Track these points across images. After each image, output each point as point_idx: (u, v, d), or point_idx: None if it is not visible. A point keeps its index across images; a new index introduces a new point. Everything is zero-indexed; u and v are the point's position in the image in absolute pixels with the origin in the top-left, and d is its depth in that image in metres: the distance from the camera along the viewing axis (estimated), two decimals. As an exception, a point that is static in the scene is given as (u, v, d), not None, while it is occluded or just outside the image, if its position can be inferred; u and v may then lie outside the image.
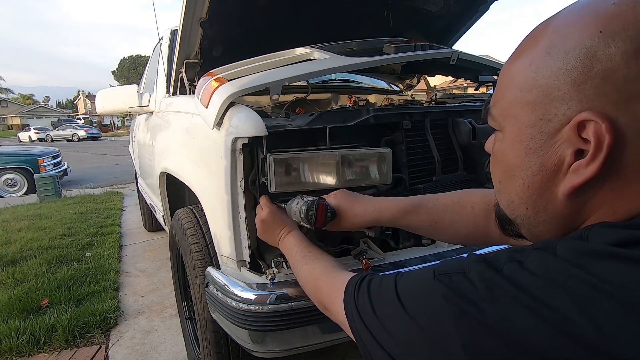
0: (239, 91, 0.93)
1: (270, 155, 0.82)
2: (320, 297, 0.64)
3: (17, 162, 6.15)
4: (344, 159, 0.88)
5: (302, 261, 0.72)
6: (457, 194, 0.74)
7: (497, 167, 0.45)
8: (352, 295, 0.51)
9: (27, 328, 1.74)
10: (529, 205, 0.41)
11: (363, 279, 0.52)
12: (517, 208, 0.43)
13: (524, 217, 0.43)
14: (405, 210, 0.74)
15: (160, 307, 2.07)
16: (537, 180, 0.39)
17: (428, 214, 0.73)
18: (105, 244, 2.98)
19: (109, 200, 4.76)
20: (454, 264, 0.41)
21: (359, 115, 0.97)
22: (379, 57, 1.15)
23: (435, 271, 0.42)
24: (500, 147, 0.43)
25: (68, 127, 28.32)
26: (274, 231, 0.84)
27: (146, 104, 2.00)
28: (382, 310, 0.45)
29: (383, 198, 0.78)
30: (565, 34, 0.36)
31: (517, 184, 0.41)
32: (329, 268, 0.66)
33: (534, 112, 0.38)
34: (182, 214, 1.24)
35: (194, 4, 1.30)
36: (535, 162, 0.39)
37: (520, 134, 0.39)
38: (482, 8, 1.77)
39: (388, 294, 0.45)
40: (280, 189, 0.84)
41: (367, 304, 0.48)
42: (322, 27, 1.78)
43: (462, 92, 2.90)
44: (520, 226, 0.45)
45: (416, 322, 0.40)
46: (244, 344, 0.93)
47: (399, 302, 0.43)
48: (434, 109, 1.15)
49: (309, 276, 0.68)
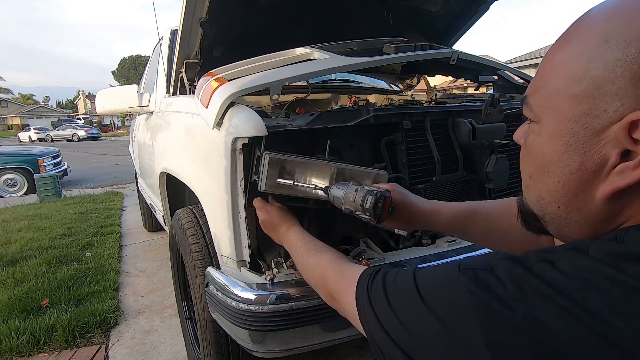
0: (239, 91, 0.93)
1: (266, 153, 0.82)
2: (328, 287, 0.61)
3: (17, 162, 6.15)
4: (339, 172, 0.87)
5: (306, 254, 0.70)
6: (511, 199, 0.70)
7: (528, 161, 0.42)
8: (365, 286, 0.49)
9: (27, 328, 1.74)
10: (561, 204, 0.39)
11: (378, 271, 0.50)
12: (548, 206, 0.40)
13: (555, 215, 0.40)
14: (464, 216, 0.70)
15: (160, 307, 2.07)
16: (574, 179, 0.37)
17: (486, 220, 0.69)
18: (105, 244, 2.98)
19: (109, 200, 4.76)
20: (480, 260, 0.39)
21: (359, 115, 0.97)
22: (379, 57, 1.15)
23: (460, 265, 0.39)
24: (536, 140, 0.40)
25: (68, 127, 28.31)
26: (276, 229, 0.84)
27: (146, 104, 2.00)
28: (398, 303, 0.43)
29: (436, 202, 0.75)
30: (626, 22, 0.32)
31: (550, 181, 0.39)
32: (337, 259, 0.63)
33: (579, 106, 0.35)
34: (182, 214, 1.24)
35: (194, 4, 1.30)
36: (575, 160, 0.36)
37: (560, 128, 0.36)
38: (482, 8, 1.77)
39: (405, 286, 0.43)
40: (270, 189, 0.84)
41: (381, 295, 0.45)
42: (322, 27, 1.78)
43: (462, 92, 2.91)
44: (548, 223, 0.42)
45: (436, 315, 0.37)
46: (244, 344, 0.93)
47: (417, 294, 0.40)
48: (434, 109, 1.15)
49: (316, 267, 0.66)
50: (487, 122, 1.11)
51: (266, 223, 0.85)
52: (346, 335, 0.93)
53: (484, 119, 1.11)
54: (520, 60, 13.40)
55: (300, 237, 0.77)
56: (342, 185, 0.77)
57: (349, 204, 0.73)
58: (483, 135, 1.08)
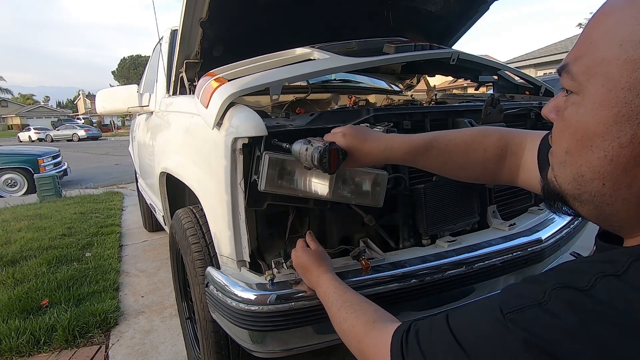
0: (239, 91, 0.93)
1: (266, 153, 0.82)
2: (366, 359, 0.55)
3: (17, 162, 6.16)
4: (339, 172, 0.88)
5: (340, 312, 0.65)
6: (471, 134, 0.70)
7: (565, 135, 0.38)
8: (400, 354, 0.44)
9: (27, 328, 1.74)
10: (607, 180, 0.35)
11: (408, 330, 0.45)
12: (589, 183, 0.36)
13: (597, 193, 0.36)
14: (417, 150, 0.70)
15: (160, 307, 2.07)
16: (625, 154, 0.33)
17: (440, 154, 0.69)
18: (105, 244, 2.98)
19: (109, 200, 4.76)
20: (522, 292, 0.35)
21: (359, 115, 0.97)
22: (379, 57, 1.15)
23: (502, 309, 0.34)
24: (576, 112, 0.36)
25: (68, 127, 28.31)
26: (307, 274, 0.82)
27: (146, 104, 2.00)
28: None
29: (394, 135, 0.75)
30: None
31: (595, 156, 0.35)
32: (369, 323, 0.56)
33: (635, 72, 0.31)
34: (182, 214, 1.24)
35: (194, 4, 1.30)
36: (627, 132, 0.32)
37: (610, 97, 0.33)
38: (482, 8, 1.77)
39: (444, 340, 0.38)
40: (270, 189, 0.84)
41: (420, 359, 0.40)
42: (322, 27, 1.78)
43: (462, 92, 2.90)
44: (586, 203, 0.38)
45: None
46: (244, 344, 0.93)
47: (460, 349, 0.36)
48: (434, 109, 1.15)
49: (351, 335, 0.59)
50: (487, 122, 1.11)
51: (298, 266, 0.85)
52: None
53: (484, 119, 1.11)
54: (520, 60, 13.40)
55: (331, 288, 0.72)
56: (298, 143, 0.80)
57: (304, 162, 0.77)
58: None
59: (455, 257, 0.99)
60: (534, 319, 0.31)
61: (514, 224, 1.16)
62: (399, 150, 0.71)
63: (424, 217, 1.03)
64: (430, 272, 0.94)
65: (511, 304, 0.34)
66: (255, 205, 0.91)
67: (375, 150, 0.73)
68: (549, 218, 1.23)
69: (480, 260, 0.99)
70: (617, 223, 0.38)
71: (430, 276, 0.93)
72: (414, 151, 0.70)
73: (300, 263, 0.84)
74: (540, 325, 0.31)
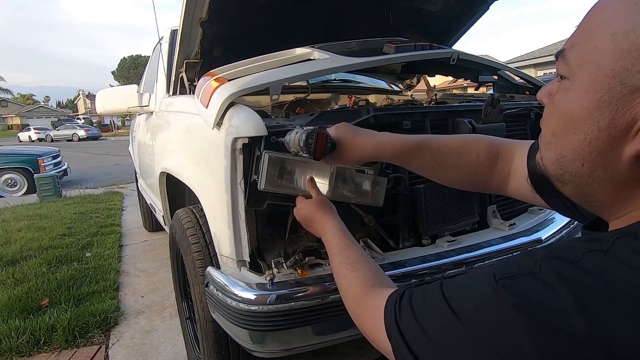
0: (239, 91, 0.93)
1: (266, 152, 0.83)
2: (361, 325, 0.55)
3: (17, 162, 6.16)
4: (339, 172, 0.88)
5: (339, 267, 0.65)
6: (463, 138, 0.70)
7: (553, 118, 0.41)
8: (394, 318, 0.45)
9: (27, 328, 1.74)
10: (586, 161, 0.38)
11: (402, 296, 0.46)
12: (570, 164, 0.39)
13: (577, 173, 0.39)
14: (409, 149, 0.70)
15: (160, 307, 2.07)
16: (602, 137, 0.36)
17: (431, 155, 0.69)
18: (105, 244, 2.98)
19: (109, 200, 4.76)
20: (515, 264, 0.36)
21: (359, 115, 0.97)
22: (379, 57, 1.15)
23: (495, 275, 0.36)
24: (565, 96, 0.39)
25: (68, 127, 28.32)
26: (312, 227, 0.81)
27: (146, 104, 2.00)
28: (433, 329, 0.39)
29: (386, 133, 0.74)
30: None
31: (575, 138, 0.38)
32: (367, 287, 0.57)
33: (621, 61, 0.33)
34: (182, 214, 1.24)
35: (194, 4, 1.30)
36: (606, 117, 0.35)
37: (596, 84, 0.35)
38: (482, 8, 1.77)
39: (438, 307, 0.39)
40: (269, 187, 0.84)
41: (413, 325, 0.42)
42: (322, 27, 1.78)
43: (462, 92, 2.90)
44: (567, 183, 0.41)
45: (482, 341, 0.34)
46: (244, 344, 0.93)
47: (454, 316, 0.37)
48: (434, 109, 1.15)
49: (348, 295, 0.60)
50: (487, 122, 1.11)
51: (301, 219, 0.83)
52: (346, 335, 0.93)
53: (484, 119, 1.11)
54: (520, 60, 13.40)
55: (335, 239, 0.72)
56: (291, 130, 0.80)
57: (292, 146, 0.76)
58: (483, 135, 1.08)
59: (455, 257, 0.99)
60: (525, 286, 0.33)
61: (514, 223, 1.16)
62: (390, 147, 0.71)
63: (424, 217, 1.03)
64: (430, 272, 0.94)
65: (503, 271, 0.36)
66: (256, 205, 0.91)
67: (365, 146, 0.73)
68: (549, 218, 1.23)
69: (480, 260, 0.99)
70: (596, 203, 0.40)
71: (430, 276, 0.94)
72: (406, 149, 0.70)
73: (302, 215, 0.82)
74: (531, 291, 0.33)
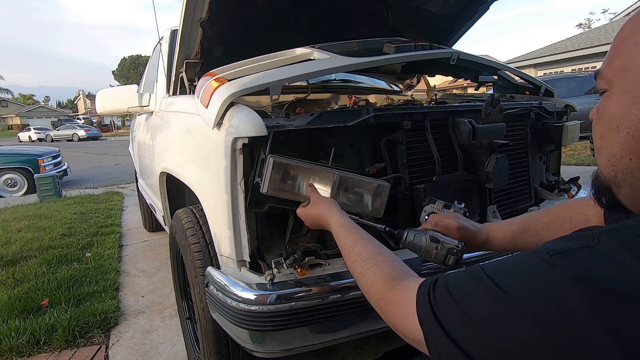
0: (239, 91, 0.93)
1: (270, 156, 0.83)
2: (390, 319, 0.51)
3: (17, 162, 6.16)
4: (342, 180, 0.88)
5: (354, 266, 0.62)
6: (554, 211, 0.75)
7: (599, 125, 0.44)
8: (428, 305, 0.41)
9: (27, 328, 1.74)
10: (633, 155, 0.40)
11: (435, 282, 0.43)
12: (620, 161, 0.41)
13: (627, 170, 0.41)
14: (513, 237, 0.76)
15: (160, 307, 2.07)
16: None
17: (533, 236, 0.74)
18: (105, 244, 2.98)
19: (109, 200, 4.76)
20: (566, 241, 0.36)
21: (359, 115, 0.97)
22: (379, 57, 1.15)
23: (547, 251, 0.34)
24: (606, 104, 0.43)
25: (68, 127, 28.31)
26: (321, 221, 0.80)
27: (146, 104, 2.00)
28: (473, 307, 0.36)
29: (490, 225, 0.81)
30: None
31: (620, 135, 0.40)
32: (389, 282, 0.53)
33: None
34: (182, 214, 1.24)
35: (194, 4, 1.30)
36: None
37: (629, 84, 0.39)
38: (482, 8, 1.77)
39: (480, 286, 0.37)
40: (272, 192, 0.85)
41: (451, 308, 0.38)
42: (322, 27, 1.78)
43: (462, 92, 2.91)
44: (622, 183, 0.42)
45: (534, 317, 0.31)
46: (244, 344, 0.93)
47: (498, 291, 0.34)
48: (434, 109, 1.15)
49: (370, 293, 0.56)
50: (487, 122, 1.11)
51: (307, 221, 0.83)
52: (346, 335, 0.93)
53: (484, 119, 1.11)
54: (520, 60, 13.40)
55: (341, 237, 0.70)
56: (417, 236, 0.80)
57: (429, 257, 0.78)
58: (483, 135, 1.08)
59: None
60: (584, 258, 0.32)
61: (514, 224, 1.16)
62: (498, 240, 0.78)
63: (424, 217, 1.03)
64: (430, 272, 0.94)
65: (555, 248, 0.35)
66: (256, 207, 0.92)
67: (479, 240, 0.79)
68: (549, 218, 1.22)
69: (480, 260, 0.99)
70: None
71: (431, 276, 0.93)
72: (512, 237, 0.77)
73: (307, 216, 0.82)
74: (592, 262, 0.31)
